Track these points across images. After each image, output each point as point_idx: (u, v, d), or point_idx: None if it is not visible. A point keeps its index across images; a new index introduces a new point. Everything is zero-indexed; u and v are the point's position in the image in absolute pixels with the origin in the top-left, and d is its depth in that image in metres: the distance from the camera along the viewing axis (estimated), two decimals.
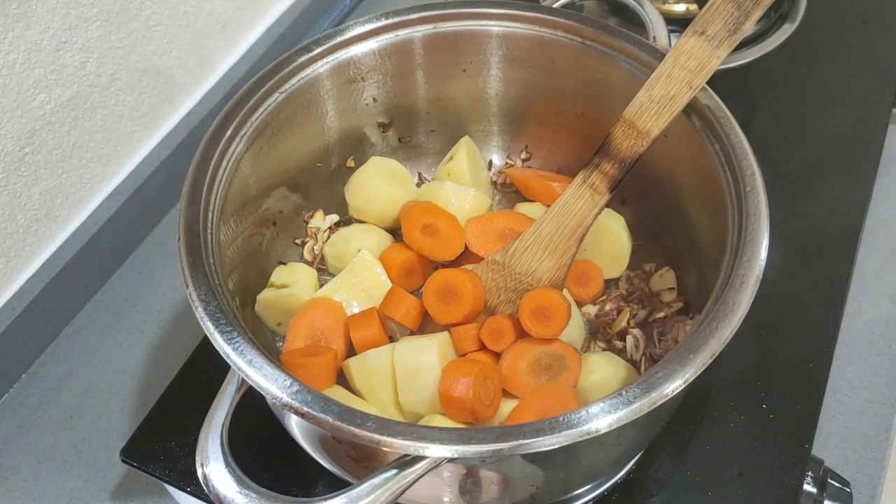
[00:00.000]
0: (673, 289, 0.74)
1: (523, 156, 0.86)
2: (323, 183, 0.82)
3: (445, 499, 0.60)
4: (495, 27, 0.76)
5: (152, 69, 0.94)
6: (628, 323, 0.73)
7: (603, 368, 0.67)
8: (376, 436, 0.49)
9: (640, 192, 0.77)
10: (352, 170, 0.82)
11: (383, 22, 0.75)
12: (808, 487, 0.69)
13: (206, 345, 0.81)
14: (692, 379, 0.52)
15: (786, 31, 1.01)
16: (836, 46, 1.04)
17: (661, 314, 0.73)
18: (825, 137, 0.95)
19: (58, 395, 0.86)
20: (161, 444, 0.74)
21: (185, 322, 0.91)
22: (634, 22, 0.77)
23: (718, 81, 0.69)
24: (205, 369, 0.77)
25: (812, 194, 0.89)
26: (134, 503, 0.78)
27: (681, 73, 0.66)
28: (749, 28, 0.67)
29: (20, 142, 0.81)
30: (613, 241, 0.76)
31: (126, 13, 0.88)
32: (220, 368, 0.60)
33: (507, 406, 0.66)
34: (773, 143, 0.94)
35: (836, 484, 0.70)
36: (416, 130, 0.84)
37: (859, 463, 0.76)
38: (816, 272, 0.83)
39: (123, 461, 0.74)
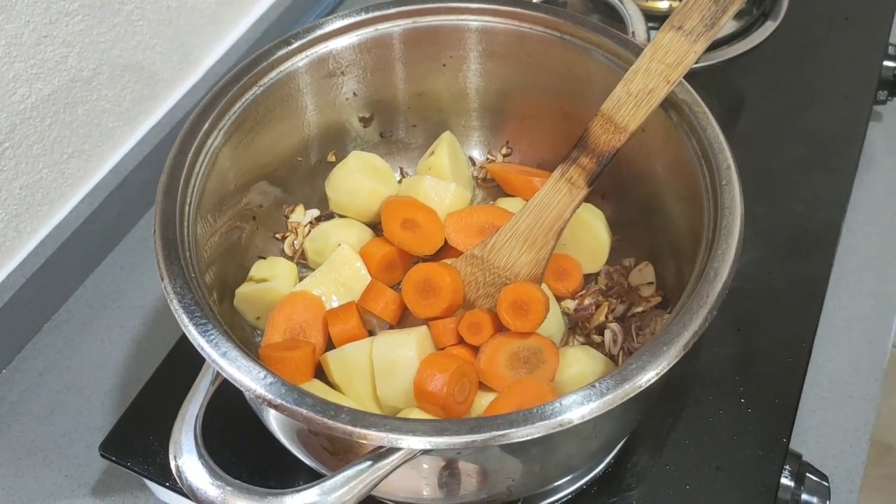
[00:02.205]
0: (652, 283, 0.75)
1: (504, 151, 0.86)
2: (303, 177, 0.81)
3: (424, 492, 0.60)
4: (474, 22, 0.76)
5: (134, 64, 0.94)
6: (606, 317, 0.73)
7: (580, 362, 0.67)
8: (350, 427, 0.49)
9: (619, 188, 0.77)
10: (332, 164, 0.82)
11: (363, 16, 0.75)
12: (786, 481, 0.69)
13: (186, 340, 0.81)
14: (665, 370, 0.52)
15: (768, 28, 1.02)
16: (817, 44, 1.04)
17: (640, 308, 0.73)
18: (806, 134, 0.95)
19: (38, 391, 0.86)
20: (140, 438, 0.73)
21: (166, 318, 0.91)
22: (614, 17, 0.77)
23: (699, 77, 0.69)
24: (184, 364, 0.77)
25: (793, 191, 0.90)
26: (114, 498, 0.78)
27: (658, 68, 0.66)
28: (726, 22, 0.67)
29: (0, 136, 0.81)
30: (593, 236, 0.76)
31: (108, 7, 0.88)
32: (200, 364, 0.60)
33: (485, 399, 0.66)
34: (755, 140, 0.94)
35: (814, 478, 0.70)
36: (397, 125, 0.84)
37: (838, 458, 0.76)
38: (797, 268, 0.83)
39: (102, 456, 0.74)
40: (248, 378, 0.52)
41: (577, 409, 0.50)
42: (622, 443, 0.71)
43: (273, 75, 0.72)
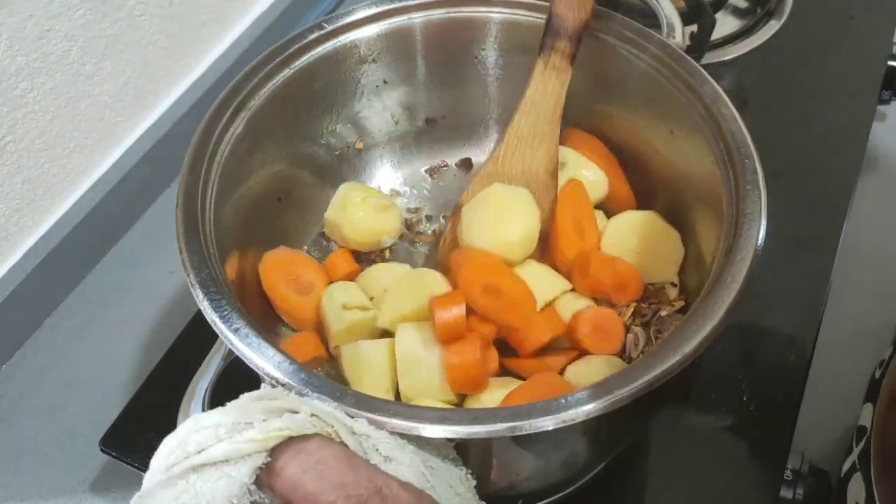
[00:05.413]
0: (676, 285, 0.73)
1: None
2: (330, 163, 0.80)
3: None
4: (498, 15, 0.76)
5: (137, 59, 0.93)
6: (633, 320, 0.72)
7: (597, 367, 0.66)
8: (354, 410, 0.49)
9: (645, 192, 0.76)
10: (360, 151, 0.81)
11: (393, 5, 0.75)
12: (788, 478, 0.69)
13: (186, 335, 0.81)
14: (674, 373, 0.51)
15: (772, 27, 1.02)
16: (822, 43, 1.04)
17: (664, 312, 0.72)
18: (810, 133, 0.95)
19: (39, 388, 0.86)
20: (141, 433, 0.73)
21: (167, 315, 0.91)
22: (645, 15, 0.77)
23: None
24: (186, 360, 0.76)
25: (796, 189, 0.89)
26: (114, 494, 0.78)
27: None
28: None
29: (2, 130, 0.81)
30: (668, 246, 0.74)
31: (111, 2, 0.87)
32: (200, 358, 0.60)
33: (499, 395, 0.65)
34: (758, 139, 0.93)
35: (816, 475, 0.70)
36: (418, 117, 0.84)
37: (839, 455, 0.76)
38: (799, 266, 0.83)
39: (102, 451, 0.73)
40: (258, 356, 0.52)
41: (584, 406, 0.49)
42: None
43: (304, 59, 0.72)
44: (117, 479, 0.79)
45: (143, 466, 0.71)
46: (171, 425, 0.54)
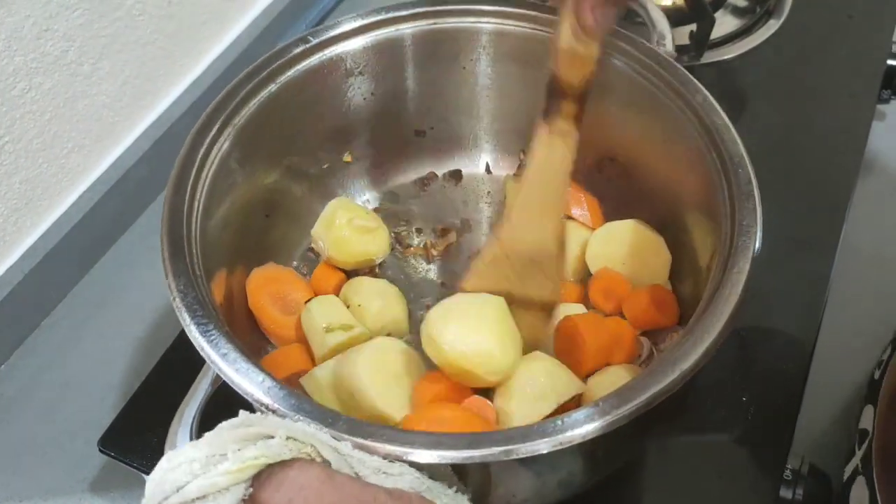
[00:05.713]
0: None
1: (521, 157, 0.84)
2: (317, 177, 0.80)
3: None
4: (488, 24, 0.75)
5: (135, 59, 0.93)
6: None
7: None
8: (346, 436, 0.48)
9: (639, 203, 0.76)
10: (348, 164, 0.81)
11: (380, 17, 0.73)
12: (788, 481, 0.69)
13: (185, 335, 0.81)
14: (674, 390, 0.50)
15: (771, 27, 1.02)
16: (821, 42, 1.03)
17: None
18: (809, 133, 0.95)
19: (37, 388, 0.86)
20: (139, 434, 0.73)
21: (165, 315, 0.91)
22: (635, 21, 0.76)
23: (702, 76, 0.68)
24: (184, 360, 0.76)
25: (795, 190, 0.89)
26: (112, 494, 0.78)
27: None
28: None
29: (0, 130, 0.81)
30: (655, 252, 0.73)
31: (109, 2, 0.87)
32: (199, 360, 0.59)
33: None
34: (757, 138, 0.93)
35: (816, 478, 0.70)
36: (407, 129, 0.83)
37: (839, 456, 0.76)
38: (798, 268, 0.83)
39: (101, 451, 0.73)
40: (247, 381, 0.51)
41: (580, 428, 0.48)
42: None
43: (290, 73, 0.71)
44: (116, 479, 0.79)
45: (142, 467, 0.71)
46: (169, 426, 0.54)
